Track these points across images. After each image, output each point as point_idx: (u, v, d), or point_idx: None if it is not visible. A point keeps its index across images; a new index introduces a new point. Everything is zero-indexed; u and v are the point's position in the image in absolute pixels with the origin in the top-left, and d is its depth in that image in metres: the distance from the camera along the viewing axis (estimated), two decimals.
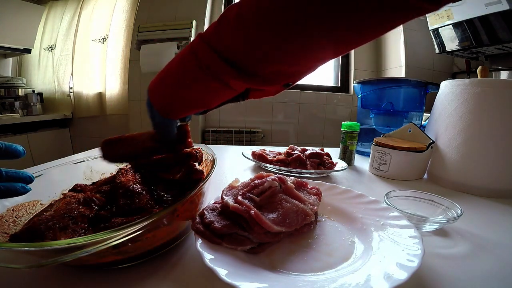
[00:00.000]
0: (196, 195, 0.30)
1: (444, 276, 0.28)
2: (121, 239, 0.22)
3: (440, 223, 0.37)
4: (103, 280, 0.26)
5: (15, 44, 1.96)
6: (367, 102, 0.85)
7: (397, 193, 0.43)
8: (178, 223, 0.30)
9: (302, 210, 0.33)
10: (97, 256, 0.24)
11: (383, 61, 2.03)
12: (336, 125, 2.00)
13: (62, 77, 2.10)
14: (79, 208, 0.29)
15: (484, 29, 1.27)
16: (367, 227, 0.34)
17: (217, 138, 1.91)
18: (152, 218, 0.23)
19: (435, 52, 1.59)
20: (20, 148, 0.29)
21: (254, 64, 0.25)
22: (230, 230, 0.29)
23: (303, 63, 0.26)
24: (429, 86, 0.76)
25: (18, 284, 0.25)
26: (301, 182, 0.41)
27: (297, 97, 1.99)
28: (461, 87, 0.55)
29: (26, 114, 1.94)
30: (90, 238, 0.20)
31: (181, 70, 0.27)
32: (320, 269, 0.27)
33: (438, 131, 0.60)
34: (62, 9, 2.11)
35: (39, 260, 0.20)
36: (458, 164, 0.55)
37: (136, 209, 0.29)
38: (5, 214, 0.29)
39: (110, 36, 1.99)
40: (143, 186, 0.32)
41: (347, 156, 0.72)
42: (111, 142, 0.34)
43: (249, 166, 0.70)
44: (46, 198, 0.35)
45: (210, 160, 0.39)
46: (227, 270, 0.23)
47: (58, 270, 0.27)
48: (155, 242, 0.28)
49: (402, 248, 0.27)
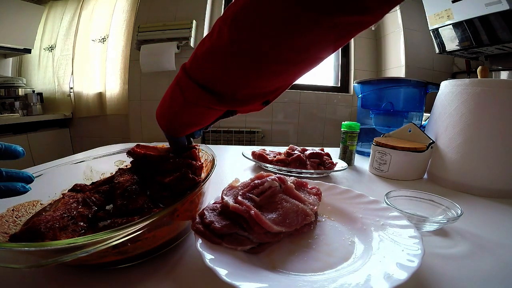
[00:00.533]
0: (196, 195, 0.30)
1: (444, 276, 0.28)
2: (121, 239, 0.22)
3: (440, 223, 0.37)
4: (103, 280, 0.26)
5: (15, 44, 1.97)
6: (367, 102, 0.85)
7: (397, 193, 0.43)
8: (178, 223, 0.30)
9: (302, 210, 0.33)
10: (97, 256, 0.24)
11: (383, 61, 2.03)
12: (336, 125, 2.00)
13: (62, 77, 2.11)
14: (78, 208, 0.29)
15: (484, 29, 1.27)
16: (367, 227, 0.34)
17: (217, 138, 1.91)
18: (153, 218, 0.23)
19: (435, 52, 1.59)
20: (20, 149, 0.29)
21: (229, 91, 0.28)
22: (230, 230, 0.29)
23: (271, 85, 0.29)
24: (429, 86, 0.76)
25: (18, 284, 0.25)
26: (301, 182, 0.41)
27: (297, 97, 1.99)
28: (461, 87, 0.55)
29: (26, 114, 1.94)
30: (90, 238, 0.20)
31: (171, 100, 0.31)
32: (320, 269, 0.27)
33: (438, 131, 0.60)
34: (62, 9, 2.11)
35: (39, 260, 0.20)
36: (458, 164, 0.55)
37: (133, 209, 0.29)
38: (5, 214, 0.29)
39: (110, 36, 1.99)
40: (141, 186, 0.32)
41: (347, 156, 0.72)
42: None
43: (249, 166, 0.70)
44: (46, 198, 0.35)
45: (210, 160, 0.39)
46: (227, 270, 0.23)
47: (58, 270, 0.27)
48: (155, 242, 0.28)
49: (402, 248, 0.27)
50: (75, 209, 0.29)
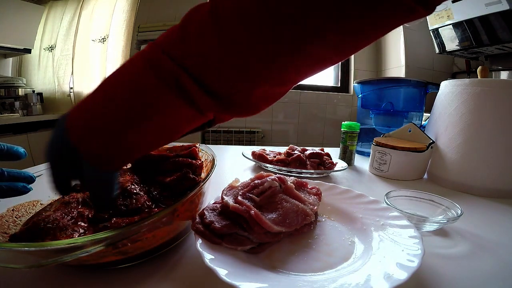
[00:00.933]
0: (196, 195, 0.30)
1: (444, 276, 0.28)
2: (121, 239, 0.22)
3: (440, 223, 0.37)
4: (103, 280, 0.26)
5: (15, 44, 1.97)
6: (367, 102, 0.85)
7: (397, 193, 0.43)
8: (178, 223, 0.30)
9: (302, 210, 0.33)
10: (97, 256, 0.24)
11: (383, 61, 2.03)
12: (336, 125, 2.00)
13: (62, 77, 2.11)
14: (79, 208, 0.29)
15: (484, 29, 1.27)
16: (367, 227, 0.34)
17: (217, 138, 1.91)
18: (153, 218, 0.23)
19: (435, 52, 1.59)
20: (22, 150, 0.28)
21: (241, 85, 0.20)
22: (230, 230, 0.29)
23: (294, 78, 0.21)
24: (429, 86, 0.76)
25: (18, 284, 0.25)
26: (301, 182, 0.41)
27: (297, 97, 1.99)
28: (461, 87, 0.55)
29: (26, 114, 1.94)
30: (90, 238, 0.20)
31: (131, 96, 0.19)
32: (320, 269, 0.27)
33: (438, 131, 0.60)
34: (62, 9, 2.11)
35: (39, 260, 0.20)
36: (458, 164, 0.55)
37: (132, 209, 0.29)
38: (5, 214, 0.29)
39: (110, 36, 1.99)
40: (141, 187, 0.32)
41: (347, 156, 0.72)
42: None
43: (249, 166, 0.70)
44: (46, 198, 0.35)
45: (210, 160, 0.39)
46: (227, 270, 0.23)
47: (58, 270, 0.27)
48: (155, 242, 0.28)
49: (402, 248, 0.27)
50: (75, 209, 0.29)
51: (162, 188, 0.32)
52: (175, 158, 0.34)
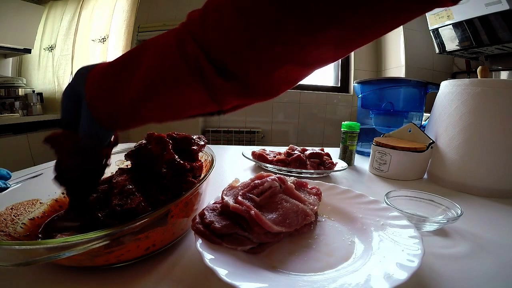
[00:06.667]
0: (191, 196, 0.30)
1: (444, 276, 0.28)
2: (111, 239, 0.22)
3: (440, 223, 0.37)
4: (102, 280, 0.26)
5: (15, 44, 1.97)
6: (367, 102, 0.85)
7: (397, 193, 0.43)
8: (174, 224, 0.30)
9: (302, 210, 0.33)
10: (90, 256, 0.24)
11: (383, 61, 2.03)
12: (336, 125, 2.00)
13: (62, 77, 2.10)
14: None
15: (484, 29, 1.27)
16: (367, 227, 0.34)
17: (217, 138, 1.91)
18: (144, 219, 0.23)
19: (435, 52, 1.59)
20: (4, 172, 0.30)
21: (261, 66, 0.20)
22: (230, 230, 0.29)
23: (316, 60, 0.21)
24: (429, 86, 0.76)
25: (17, 285, 0.25)
26: (301, 182, 0.41)
27: (297, 97, 1.99)
28: (461, 87, 0.55)
29: (26, 114, 1.94)
30: (80, 238, 0.20)
31: (158, 74, 0.21)
32: (320, 269, 0.27)
33: (438, 131, 0.60)
34: (62, 9, 2.11)
35: (27, 258, 0.20)
36: (458, 164, 0.55)
37: (127, 210, 0.28)
38: (3, 213, 0.29)
39: (110, 36, 1.99)
40: (138, 187, 0.32)
41: (347, 156, 0.72)
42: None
43: (249, 166, 0.70)
44: (46, 197, 0.35)
45: (209, 160, 0.39)
46: (227, 270, 0.23)
47: (57, 270, 0.27)
48: (152, 243, 0.28)
49: (402, 248, 0.27)
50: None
51: (160, 191, 0.32)
52: (174, 161, 0.34)
